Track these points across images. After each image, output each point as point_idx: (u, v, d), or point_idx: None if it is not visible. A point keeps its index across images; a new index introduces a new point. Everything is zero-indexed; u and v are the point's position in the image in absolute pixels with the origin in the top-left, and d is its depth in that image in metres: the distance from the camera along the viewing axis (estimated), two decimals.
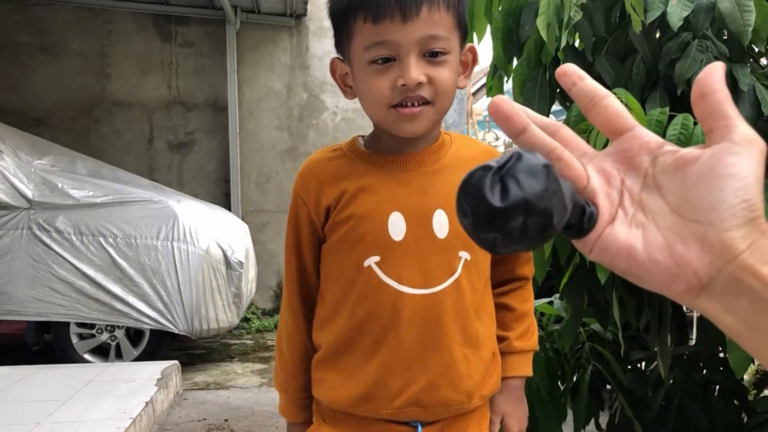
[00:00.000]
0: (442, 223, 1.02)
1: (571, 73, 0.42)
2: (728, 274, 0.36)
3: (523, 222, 0.36)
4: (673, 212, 0.38)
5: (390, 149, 1.05)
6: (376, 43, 0.94)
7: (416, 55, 0.94)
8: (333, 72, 1.07)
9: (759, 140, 0.37)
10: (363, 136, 1.11)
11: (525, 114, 0.41)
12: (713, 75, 0.38)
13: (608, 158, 0.41)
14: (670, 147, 0.39)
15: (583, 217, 0.39)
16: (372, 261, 1.02)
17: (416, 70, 0.93)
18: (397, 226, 1.02)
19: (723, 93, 0.37)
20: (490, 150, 1.15)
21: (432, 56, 0.95)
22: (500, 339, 1.14)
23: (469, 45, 1.04)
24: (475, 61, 1.07)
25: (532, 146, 0.40)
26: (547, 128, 0.42)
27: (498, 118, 0.41)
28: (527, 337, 1.16)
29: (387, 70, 0.95)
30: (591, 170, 0.41)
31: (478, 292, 1.08)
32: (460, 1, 0.99)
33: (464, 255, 1.04)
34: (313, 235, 1.08)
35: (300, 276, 1.11)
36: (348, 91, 1.06)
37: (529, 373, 1.16)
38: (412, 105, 0.96)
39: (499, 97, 0.41)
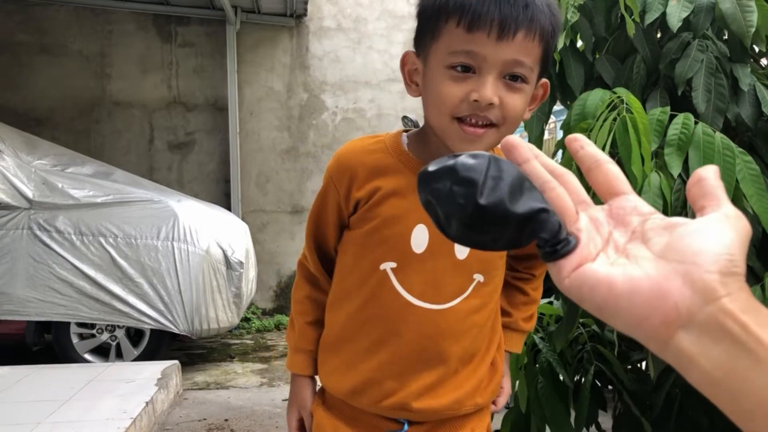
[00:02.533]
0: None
1: (580, 139, 0.47)
2: (708, 315, 0.37)
3: (449, 187, 0.41)
4: (657, 257, 0.40)
5: (431, 156, 1.00)
6: (463, 51, 0.90)
7: (497, 74, 0.91)
8: (403, 64, 1.03)
9: (745, 221, 0.40)
10: (407, 133, 1.07)
11: (531, 151, 0.46)
12: (709, 169, 0.43)
13: (602, 212, 0.44)
14: (660, 216, 0.43)
15: (558, 236, 0.41)
16: (388, 266, 1.02)
17: (492, 89, 0.90)
18: (419, 238, 1.01)
19: (717, 182, 0.42)
20: None
21: (511, 80, 0.92)
22: (505, 313, 1.18)
23: (543, 81, 1.01)
24: (544, 96, 1.04)
25: (529, 176, 0.44)
26: (552, 172, 0.46)
27: (505, 148, 0.46)
28: (530, 321, 1.22)
29: (464, 80, 0.91)
30: (583, 215, 0.44)
31: (484, 311, 1.08)
32: (553, 38, 0.95)
33: (478, 277, 1.05)
34: (338, 219, 1.08)
35: (318, 250, 1.14)
36: (413, 87, 1.02)
37: (520, 351, 1.25)
38: (476, 124, 0.93)
39: (512, 136, 0.47)
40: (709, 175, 0.42)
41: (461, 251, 1.02)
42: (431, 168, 0.42)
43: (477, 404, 1.09)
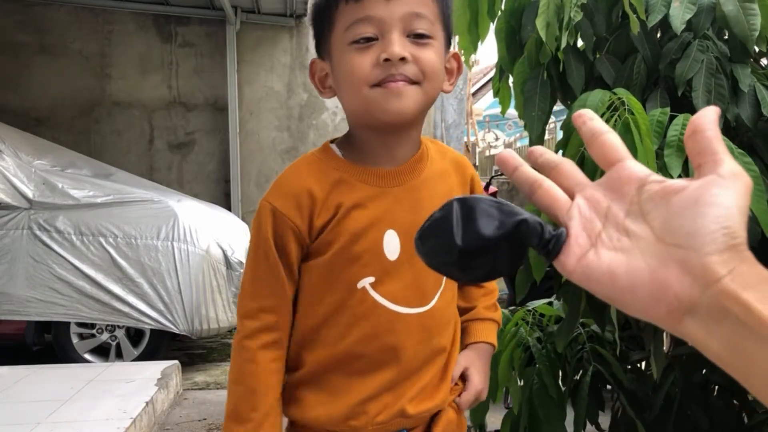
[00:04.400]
0: None
1: (584, 114, 0.46)
2: (710, 298, 0.36)
3: (433, 243, 0.45)
4: (656, 238, 0.39)
5: (371, 159, 0.99)
6: (358, 20, 0.90)
7: (399, 32, 0.90)
8: (312, 74, 1.02)
9: (744, 175, 0.39)
10: (333, 142, 1.04)
11: (519, 159, 0.47)
12: (706, 116, 0.40)
13: (599, 187, 0.44)
14: (656, 177, 0.41)
15: (542, 236, 0.43)
16: (367, 282, 0.97)
17: (399, 46, 0.89)
18: (391, 244, 0.97)
19: (714, 132, 0.40)
20: (459, 159, 1.10)
21: (416, 38, 0.91)
22: (466, 310, 1.14)
23: (452, 52, 1.01)
24: (460, 69, 1.02)
25: (521, 180, 0.46)
26: (550, 164, 0.47)
27: (498, 162, 0.48)
28: (494, 310, 1.16)
29: (369, 48, 0.91)
30: (579, 198, 0.44)
31: (453, 301, 1.09)
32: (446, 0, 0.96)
33: None
34: (299, 256, 0.99)
35: (285, 297, 1.00)
36: (326, 91, 1.01)
37: (495, 342, 1.15)
38: (396, 81, 0.91)
39: (504, 150, 0.49)
40: (704, 126, 0.40)
41: None
42: (417, 235, 0.46)
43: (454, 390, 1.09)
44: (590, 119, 0.45)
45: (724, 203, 0.37)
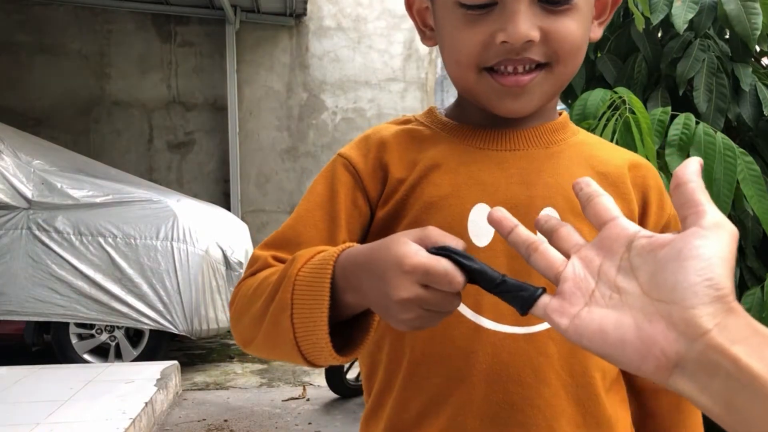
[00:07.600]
0: None
1: (581, 182, 0.48)
2: (698, 353, 0.36)
3: None
4: (643, 294, 0.40)
5: (478, 118, 0.72)
6: None
7: (528, 0, 0.62)
8: (409, 4, 0.74)
9: (728, 225, 0.39)
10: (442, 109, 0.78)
11: (514, 220, 0.49)
12: (689, 167, 0.41)
13: (593, 246, 0.45)
14: (645, 233, 0.42)
15: (517, 298, 0.46)
16: None
17: (526, 22, 0.61)
18: (481, 224, 0.66)
19: (696, 183, 0.41)
20: (637, 158, 0.77)
21: (552, 4, 0.63)
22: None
23: None
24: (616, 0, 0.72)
25: (518, 242, 0.48)
26: (551, 228, 0.49)
27: (491, 221, 0.49)
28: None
29: (482, 18, 0.63)
30: (574, 258, 0.45)
31: None
32: None
33: None
34: (356, 214, 0.70)
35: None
36: (427, 33, 0.73)
37: None
38: (516, 72, 0.65)
39: (497, 208, 0.50)
40: (687, 178, 0.41)
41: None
42: None
43: None
44: (587, 185, 0.48)
45: (705, 255, 0.37)
